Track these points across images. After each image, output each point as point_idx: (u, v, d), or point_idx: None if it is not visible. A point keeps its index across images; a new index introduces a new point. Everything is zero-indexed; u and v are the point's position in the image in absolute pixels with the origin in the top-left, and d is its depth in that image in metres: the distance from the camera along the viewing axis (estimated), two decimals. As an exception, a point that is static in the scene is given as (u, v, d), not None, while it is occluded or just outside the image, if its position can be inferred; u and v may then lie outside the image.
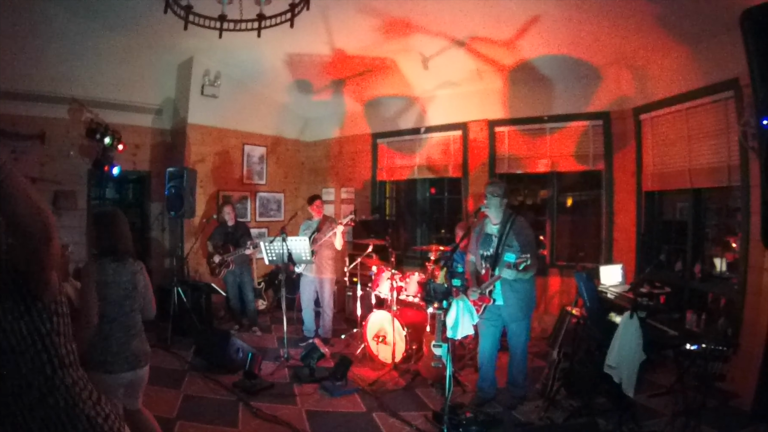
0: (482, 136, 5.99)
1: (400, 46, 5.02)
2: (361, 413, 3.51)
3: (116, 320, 2.32)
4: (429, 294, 3.28)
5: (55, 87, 5.23)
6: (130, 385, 2.37)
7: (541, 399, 3.63)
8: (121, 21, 4.93)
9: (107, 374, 2.25)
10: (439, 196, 6.89)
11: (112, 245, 2.37)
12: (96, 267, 2.32)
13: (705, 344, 2.87)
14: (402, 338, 4.32)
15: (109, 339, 2.29)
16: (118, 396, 2.33)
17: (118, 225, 2.40)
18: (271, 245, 4.68)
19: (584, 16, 4.06)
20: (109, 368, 2.26)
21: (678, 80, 4.44)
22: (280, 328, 4.76)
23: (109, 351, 2.27)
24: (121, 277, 2.35)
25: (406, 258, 6.45)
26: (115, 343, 2.30)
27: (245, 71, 6.23)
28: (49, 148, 5.27)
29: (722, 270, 4.25)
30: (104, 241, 2.38)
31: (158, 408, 3.19)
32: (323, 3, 4.07)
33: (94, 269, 2.32)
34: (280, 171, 7.43)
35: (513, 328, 3.53)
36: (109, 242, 2.37)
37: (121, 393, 2.36)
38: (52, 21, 4.76)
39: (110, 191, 6.59)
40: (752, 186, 3.66)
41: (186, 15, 2.77)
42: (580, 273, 3.66)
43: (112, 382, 2.27)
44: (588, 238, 5.68)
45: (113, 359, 2.27)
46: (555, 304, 5.47)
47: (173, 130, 6.43)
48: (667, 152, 4.67)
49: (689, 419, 2.84)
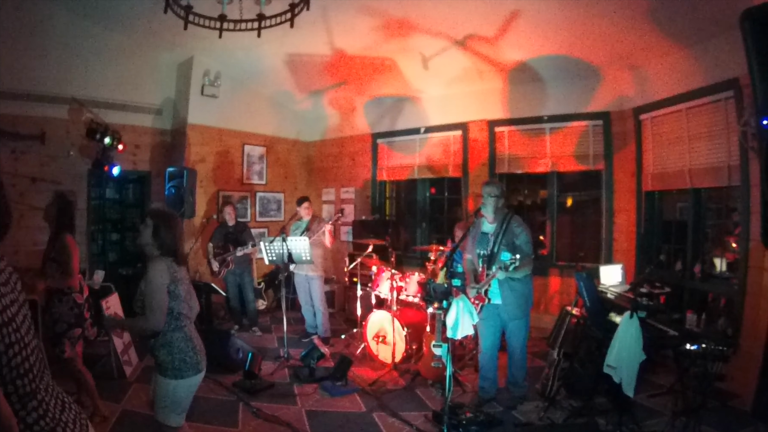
0: (482, 136, 6.00)
1: (400, 46, 5.01)
2: (361, 413, 3.51)
3: (190, 318, 2.27)
4: (429, 294, 3.29)
5: (55, 87, 5.23)
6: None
7: (541, 399, 3.64)
8: (121, 21, 4.93)
9: (199, 374, 2.21)
10: (439, 196, 6.89)
11: (175, 247, 2.26)
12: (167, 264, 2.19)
13: (705, 344, 2.87)
14: (402, 338, 4.32)
15: (193, 339, 2.24)
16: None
17: (179, 227, 2.34)
18: (271, 245, 4.68)
19: (584, 16, 4.06)
20: (201, 367, 2.23)
21: (678, 80, 4.44)
22: (280, 328, 4.76)
23: (197, 350, 2.23)
24: (181, 273, 2.27)
25: (406, 258, 6.45)
26: (197, 341, 2.26)
27: (245, 71, 6.23)
28: (49, 148, 5.26)
29: (722, 270, 4.25)
30: (168, 241, 2.23)
31: (158, 408, 3.19)
32: (323, 3, 4.07)
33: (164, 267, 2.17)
34: (280, 171, 7.42)
35: (512, 327, 3.53)
36: (173, 243, 2.25)
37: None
38: (52, 21, 4.76)
39: (110, 191, 6.59)
40: (752, 186, 3.66)
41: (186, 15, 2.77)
42: (580, 273, 3.66)
43: (198, 381, 2.24)
44: (588, 238, 5.68)
45: (201, 358, 2.24)
46: (555, 304, 5.47)
47: (173, 130, 6.43)
48: (667, 152, 4.67)
49: (689, 419, 2.84)
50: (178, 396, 2.17)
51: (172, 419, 2.17)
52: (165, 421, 2.17)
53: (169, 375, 2.14)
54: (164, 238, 2.23)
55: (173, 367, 2.14)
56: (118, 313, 4.29)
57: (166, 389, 2.15)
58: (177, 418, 2.19)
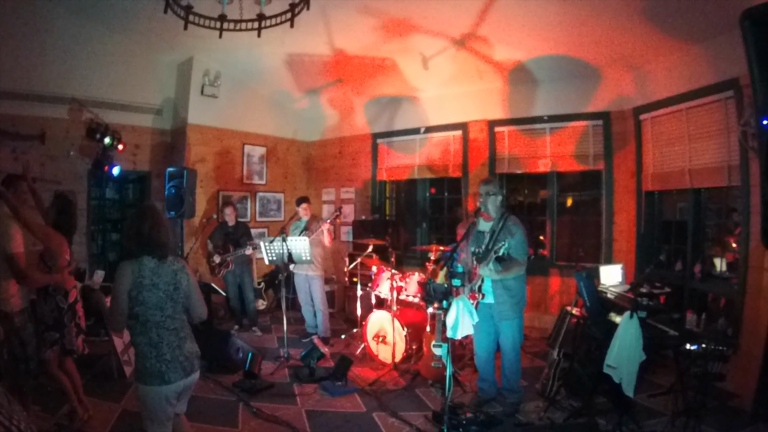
0: (482, 136, 6.00)
1: (400, 46, 5.01)
2: (361, 413, 3.51)
3: (162, 325, 2.12)
4: (429, 294, 3.28)
5: (55, 87, 5.24)
6: (183, 391, 2.20)
7: (541, 399, 3.64)
8: (121, 21, 4.93)
9: (165, 385, 2.07)
10: (439, 196, 6.89)
11: (147, 241, 2.13)
12: (131, 269, 2.09)
13: (705, 344, 2.87)
14: (402, 338, 4.32)
15: (159, 346, 2.09)
16: (173, 410, 2.18)
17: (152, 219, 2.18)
18: (271, 245, 4.68)
19: (584, 16, 4.06)
20: (167, 378, 2.08)
21: (678, 80, 4.44)
22: (280, 328, 4.75)
23: (163, 359, 2.08)
24: (160, 278, 2.14)
25: (406, 258, 6.44)
26: (167, 349, 2.11)
27: (245, 71, 6.23)
28: (49, 148, 5.27)
29: (722, 270, 4.25)
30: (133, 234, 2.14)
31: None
32: (323, 3, 4.07)
33: (128, 272, 2.08)
34: (280, 171, 7.43)
35: (504, 328, 3.47)
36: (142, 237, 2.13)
37: (175, 401, 2.18)
38: (53, 21, 4.77)
39: (110, 191, 6.60)
40: (752, 186, 3.66)
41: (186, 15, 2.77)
42: (580, 273, 3.66)
43: (168, 393, 2.10)
44: (588, 238, 5.68)
45: (168, 367, 2.09)
46: (555, 304, 5.47)
47: (173, 130, 6.43)
48: (667, 152, 4.67)
49: (689, 419, 2.84)
50: (148, 403, 2.10)
51: (149, 427, 2.12)
52: (145, 428, 2.14)
53: (137, 378, 2.13)
54: (132, 234, 2.14)
55: (137, 370, 2.13)
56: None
57: (138, 393, 2.13)
58: (154, 427, 2.11)
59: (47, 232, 3.03)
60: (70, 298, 3.14)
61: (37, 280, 2.95)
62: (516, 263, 3.30)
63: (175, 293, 2.18)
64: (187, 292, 2.25)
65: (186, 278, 2.25)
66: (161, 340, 2.11)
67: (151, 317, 2.10)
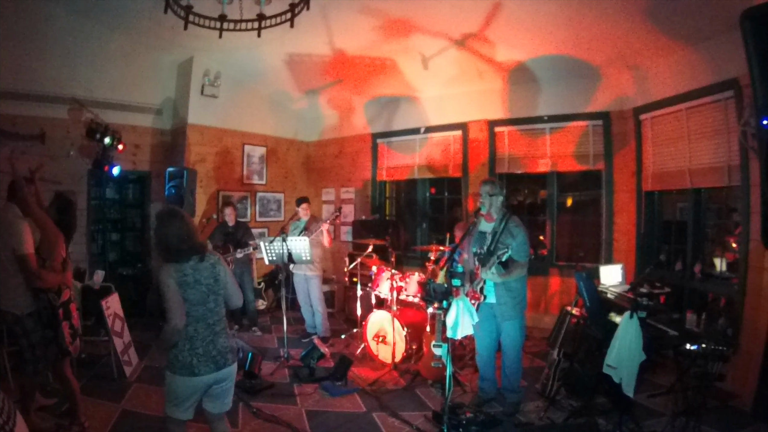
0: (482, 136, 6.00)
1: (400, 46, 5.01)
2: (361, 413, 3.51)
3: (201, 319, 2.21)
4: (429, 294, 3.27)
5: (55, 87, 5.24)
6: (216, 384, 2.28)
7: (541, 399, 3.64)
8: (121, 21, 4.93)
9: (194, 377, 2.17)
10: (439, 196, 6.89)
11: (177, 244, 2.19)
12: (173, 267, 2.18)
13: (705, 344, 2.87)
14: (402, 338, 4.32)
15: (193, 340, 2.19)
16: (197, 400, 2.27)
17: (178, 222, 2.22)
18: (271, 245, 4.68)
19: (584, 16, 4.06)
20: (197, 371, 2.16)
21: (678, 80, 4.44)
22: (280, 328, 4.76)
23: (195, 353, 2.18)
24: (201, 274, 2.22)
25: (406, 258, 6.44)
26: (200, 343, 2.20)
27: (245, 71, 6.23)
28: (49, 148, 5.26)
29: (722, 270, 4.25)
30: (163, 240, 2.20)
31: (158, 408, 3.19)
32: (323, 3, 4.07)
33: (171, 270, 2.17)
34: (280, 171, 7.43)
35: (506, 327, 3.47)
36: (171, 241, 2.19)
37: (203, 395, 2.28)
38: (53, 21, 4.77)
39: (110, 191, 6.59)
40: (752, 186, 3.66)
41: (186, 15, 2.78)
42: (580, 273, 3.66)
43: (197, 385, 2.20)
44: (588, 238, 5.68)
45: (199, 361, 2.17)
46: (555, 304, 5.47)
47: (173, 130, 6.43)
48: (667, 152, 4.67)
49: (689, 419, 2.84)
50: (172, 389, 2.21)
51: (169, 410, 2.24)
52: (165, 411, 2.26)
53: (167, 367, 2.23)
54: (161, 239, 2.20)
55: (169, 361, 2.22)
56: (118, 314, 4.28)
57: (166, 379, 2.23)
58: (172, 409, 2.22)
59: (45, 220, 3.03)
60: (63, 296, 3.08)
61: (50, 280, 2.95)
62: (518, 265, 3.31)
63: (216, 286, 2.28)
64: (224, 282, 2.34)
65: (223, 270, 2.34)
66: (196, 335, 2.20)
67: (194, 312, 2.20)
